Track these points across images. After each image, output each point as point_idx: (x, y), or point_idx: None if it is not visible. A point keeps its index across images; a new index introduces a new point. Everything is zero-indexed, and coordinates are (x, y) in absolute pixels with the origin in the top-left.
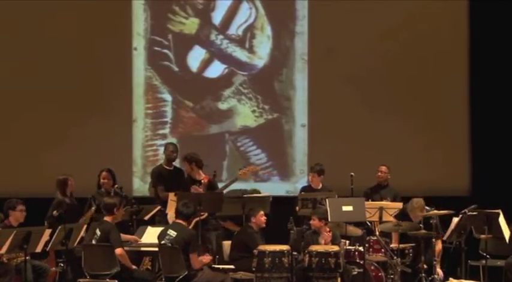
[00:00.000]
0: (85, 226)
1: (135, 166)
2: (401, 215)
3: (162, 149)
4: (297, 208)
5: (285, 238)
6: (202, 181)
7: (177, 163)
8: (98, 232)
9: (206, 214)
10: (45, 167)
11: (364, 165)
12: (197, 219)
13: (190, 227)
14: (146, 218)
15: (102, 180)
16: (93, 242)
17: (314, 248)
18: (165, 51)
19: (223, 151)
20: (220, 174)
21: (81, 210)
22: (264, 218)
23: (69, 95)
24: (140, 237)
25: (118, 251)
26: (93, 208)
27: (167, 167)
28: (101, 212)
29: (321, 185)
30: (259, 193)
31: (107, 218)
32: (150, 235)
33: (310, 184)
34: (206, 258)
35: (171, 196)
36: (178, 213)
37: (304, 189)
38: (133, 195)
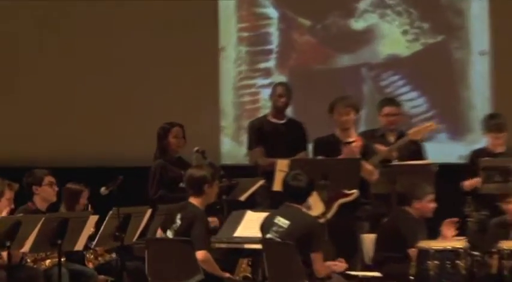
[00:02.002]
0: (149, 211)
1: (224, 118)
2: None
3: (265, 92)
4: (473, 181)
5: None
6: (354, 143)
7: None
8: (178, 220)
9: (355, 192)
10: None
11: None
12: (343, 200)
13: (331, 213)
14: (243, 198)
15: (171, 140)
16: (169, 234)
17: (506, 245)
18: None
19: (359, 93)
20: (357, 128)
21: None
22: (433, 205)
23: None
24: (233, 227)
25: (200, 254)
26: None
27: (275, 120)
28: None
29: (504, 147)
30: None
31: (194, 200)
32: (250, 224)
33: (488, 147)
34: (339, 265)
35: (281, 165)
36: (285, 190)
37: (478, 153)
38: (221, 164)
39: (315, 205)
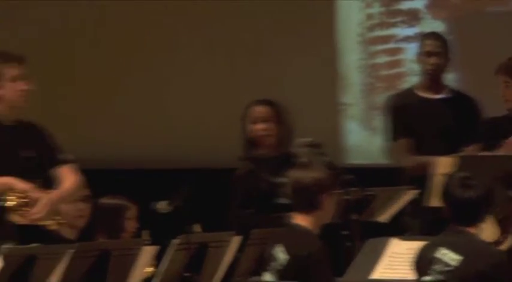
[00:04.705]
0: (237, 239)
1: (347, 92)
2: None
3: (410, 48)
4: None
5: None
6: None
7: None
8: (281, 255)
9: None
10: None
11: None
12: None
13: (510, 241)
14: (383, 218)
15: (254, 127)
16: (268, 277)
17: None
18: None
19: None
20: None
21: None
22: None
23: None
24: (370, 265)
25: None
26: None
27: (426, 94)
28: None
29: None
30: None
31: (302, 219)
32: (396, 260)
33: None
34: None
35: (441, 165)
36: (450, 206)
37: None
38: (345, 163)
39: (485, 228)
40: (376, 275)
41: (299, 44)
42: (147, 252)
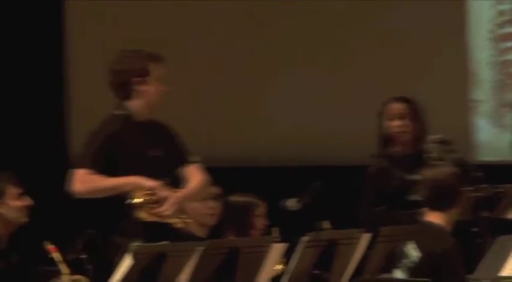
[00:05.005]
0: (366, 237)
1: (478, 88)
2: None
3: None
4: None
5: None
6: None
7: None
8: (414, 252)
9: None
10: None
11: None
12: None
13: None
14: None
15: (391, 123)
16: (399, 274)
17: None
18: None
19: None
20: None
21: None
22: None
23: None
24: (500, 262)
25: None
26: None
27: None
28: None
29: None
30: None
31: (436, 217)
32: None
33: None
34: None
35: None
36: None
37: None
38: (475, 160)
39: None
40: (506, 272)
41: (431, 43)
42: (277, 249)
